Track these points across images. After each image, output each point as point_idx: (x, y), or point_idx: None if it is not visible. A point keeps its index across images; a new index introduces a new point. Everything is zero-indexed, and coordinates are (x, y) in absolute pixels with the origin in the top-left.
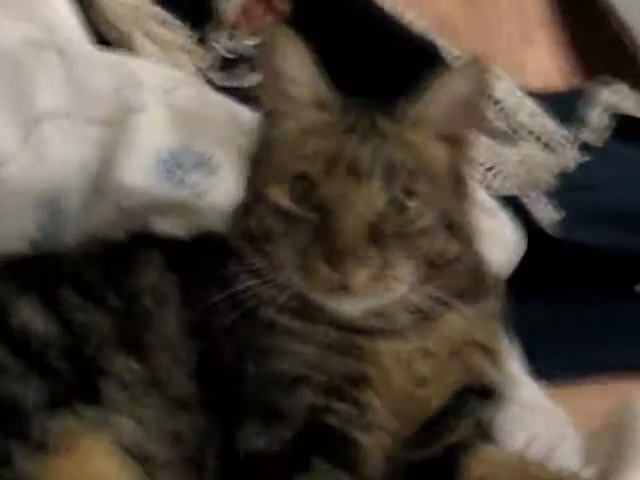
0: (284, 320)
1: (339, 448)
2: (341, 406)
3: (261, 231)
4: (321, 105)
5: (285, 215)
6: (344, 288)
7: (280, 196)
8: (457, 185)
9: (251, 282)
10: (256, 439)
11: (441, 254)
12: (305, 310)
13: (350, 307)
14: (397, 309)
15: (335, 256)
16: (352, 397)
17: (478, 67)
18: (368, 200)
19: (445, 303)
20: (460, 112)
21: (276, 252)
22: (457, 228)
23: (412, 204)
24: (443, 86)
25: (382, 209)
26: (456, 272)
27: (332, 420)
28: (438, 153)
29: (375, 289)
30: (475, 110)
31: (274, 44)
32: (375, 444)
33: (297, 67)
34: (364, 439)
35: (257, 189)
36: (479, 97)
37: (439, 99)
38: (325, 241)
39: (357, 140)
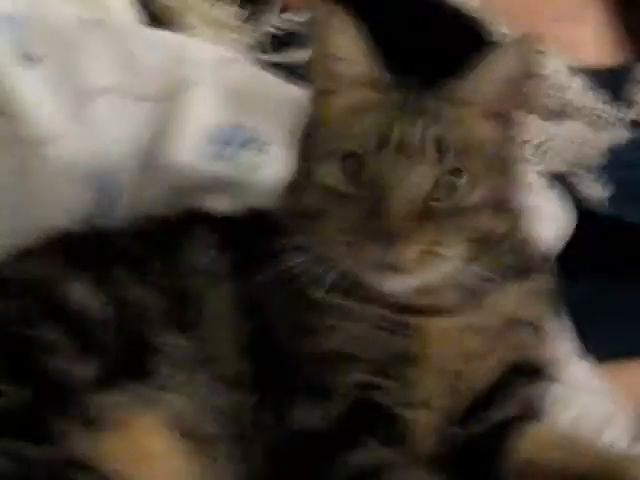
0: (332, 298)
1: (387, 426)
2: (389, 384)
3: (311, 209)
4: (371, 84)
5: (335, 193)
6: (393, 267)
7: (330, 174)
8: (506, 163)
9: (300, 260)
10: (306, 417)
11: (489, 232)
12: (353, 289)
13: (399, 285)
14: (445, 287)
15: (385, 235)
16: (401, 375)
17: (527, 45)
18: (418, 179)
19: (493, 280)
20: (509, 90)
21: (326, 230)
22: (505, 206)
23: (461, 182)
24: (492, 64)
25: (431, 187)
26: (504, 249)
27: (380, 398)
28: (487, 131)
29: (424, 267)
30: (523, 88)
31: (324, 22)
32: (424, 422)
33: (347, 45)
34: (412, 416)
35: (307, 167)
36: (528, 75)
37: (488, 77)
38: (375, 220)
39: (407, 119)
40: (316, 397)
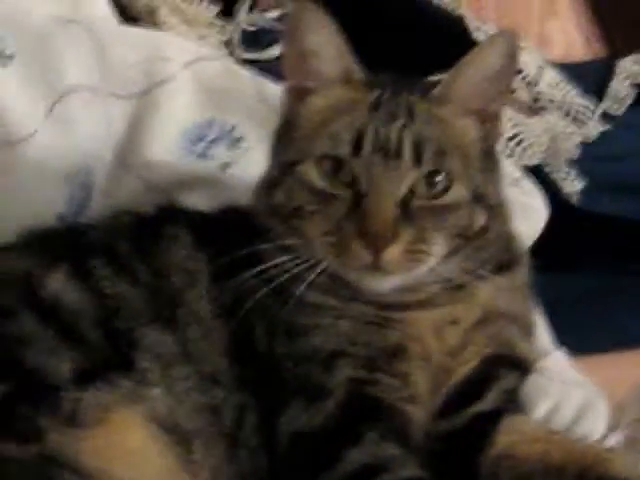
0: (316, 297)
1: (386, 419)
2: (382, 377)
3: (290, 207)
4: (348, 81)
5: (316, 192)
6: (377, 266)
7: (311, 174)
8: (487, 158)
9: (281, 258)
10: (299, 418)
11: (469, 227)
12: (337, 287)
13: (384, 285)
14: (428, 282)
15: (367, 235)
16: (392, 369)
17: (507, 40)
18: (398, 180)
19: (475, 273)
20: (490, 86)
21: (307, 229)
22: (486, 201)
23: (441, 181)
24: (473, 61)
25: (417, 187)
26: (485, 243)
27: (374, 391)
28: (468, 128)
29: (407, 265)
30: (504, 84)
31: (299, 19)
32: (416, 415)
33: (323, 42)
34: (409, 409)
35: (283, 164)
36: (509, 70)
37: (469, 74)
38: (357, 220)
39: (385, 118)
40: (308, 397)
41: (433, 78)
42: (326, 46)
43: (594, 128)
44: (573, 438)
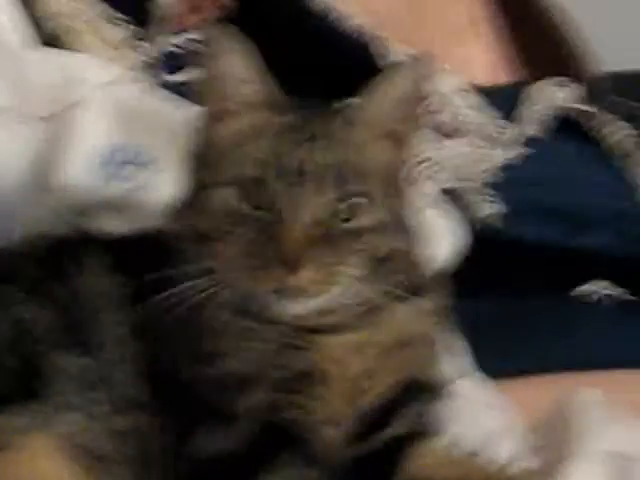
0: (229, 320)
1: (300, 443)
2: (296, 400)
3: (203, 230)
4: (266, 105)
5: (228, 215)
6: (293, 289)
7: (227, 199)
8: (400, 183)
9: (195, 281)
10: (211, 443)
11: (384, 250)
12: (251, 310)
13: (297, 307)
14: (343, 305)
15: (281, 257)
16: (307, 391)
17: (421, 65)
18: (315, 203)
19: (391, 296)
20: (403, 110)
21: (219, 252)
22: (399, 224)
23: (354, 203)
24: (386, 84)
25: (330, 210)
26: (399, 266)
27: (288, 415)
28: (382, 152)
29: (323, 290)
30: (417, 109)
31: (218, 44)
32: (331, 440)
33: (243, 68)
34: (324, 432)
35: (197, 186)
36: (420, 94)
37: (382, 97)
38: (270, 242)
39: (297, 142)
40: (221, 421)
41: (344, 102)
42: (246, 71)
43: (514, 153)
44: (483, 462)
